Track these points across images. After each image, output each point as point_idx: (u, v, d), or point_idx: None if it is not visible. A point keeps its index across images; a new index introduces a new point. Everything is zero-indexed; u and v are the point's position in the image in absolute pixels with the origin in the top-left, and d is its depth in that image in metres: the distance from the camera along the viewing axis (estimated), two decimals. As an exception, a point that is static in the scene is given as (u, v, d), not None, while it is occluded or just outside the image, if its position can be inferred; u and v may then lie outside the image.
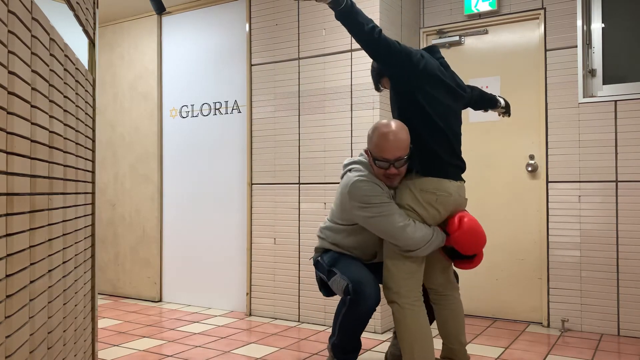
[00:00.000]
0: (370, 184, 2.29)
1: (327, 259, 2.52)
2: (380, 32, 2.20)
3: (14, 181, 1.26)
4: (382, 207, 2.25)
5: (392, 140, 2.22)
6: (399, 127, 2.25)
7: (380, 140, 2.24)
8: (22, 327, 1.34)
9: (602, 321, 3.37)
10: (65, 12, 2.08)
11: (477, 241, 2.31)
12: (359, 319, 2.37)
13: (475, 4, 3.79)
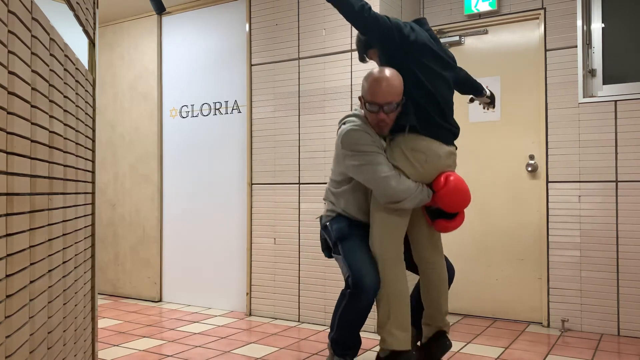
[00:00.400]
0: (361, 133, 2.37)
1: (335, 230, 2.51)
2: (370, 10, 2.24)
3: (14, 181, 1.26)
4: (370, 156, 2.33)
5: (384, 85, 2.30)
6: (392, 74, 2.32)
7: (373, 84, 2.32)
8: (22, 327, 1.34)
9: (602, 321, 3.37)
10: (65, 12, 2.08)
11: (462, 199, 2.42)
12: (359, 312, 2.39)
13: (475, 4, 3.79)
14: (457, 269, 3.92)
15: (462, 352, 3.04)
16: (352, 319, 2.42)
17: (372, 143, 2.36)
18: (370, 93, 2.33)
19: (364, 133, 2.37)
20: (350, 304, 2.37)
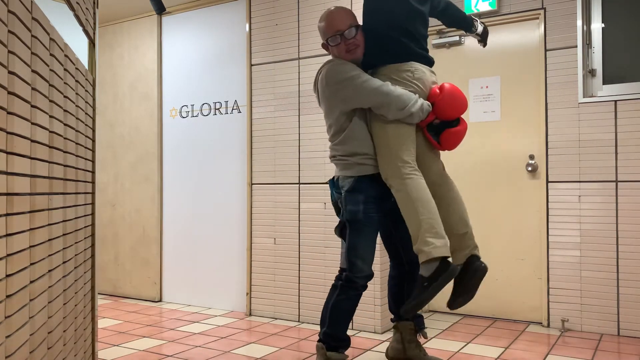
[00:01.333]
0: (341, 64, 2.44)
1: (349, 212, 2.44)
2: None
3: (14, 181, 1.26)
4: (359, 78, 2.37)
5: (336, 12, 2.50)
6: (339, 6, 2.56)
7: (328, 17, 2.51)
8: (22, 327, 1.34)
9: (602, 321, 3.37)
10: (65, 12, 2.08)
11: (461, 101, 2.47)
12: (350, 305, 2.50)
13: (475, 4, 3.79)
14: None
15: (462, 352, 3.04)
16: (343, 312, 2.49)
17: (354, 68, 2.42)
18: (330, 27, 2.49)
19: (345, 63, 2.44)
20: (341, 296, 2.46)
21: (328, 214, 3.60)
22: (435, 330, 3.48)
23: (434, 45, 3.96)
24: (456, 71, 3.92)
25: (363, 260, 2.43)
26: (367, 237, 2.46)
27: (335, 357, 2.49)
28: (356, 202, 2.44)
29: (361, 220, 2.43)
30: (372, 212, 2.45)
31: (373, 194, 2.45)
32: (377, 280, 3.41)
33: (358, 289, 2.47)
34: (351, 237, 2.44)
